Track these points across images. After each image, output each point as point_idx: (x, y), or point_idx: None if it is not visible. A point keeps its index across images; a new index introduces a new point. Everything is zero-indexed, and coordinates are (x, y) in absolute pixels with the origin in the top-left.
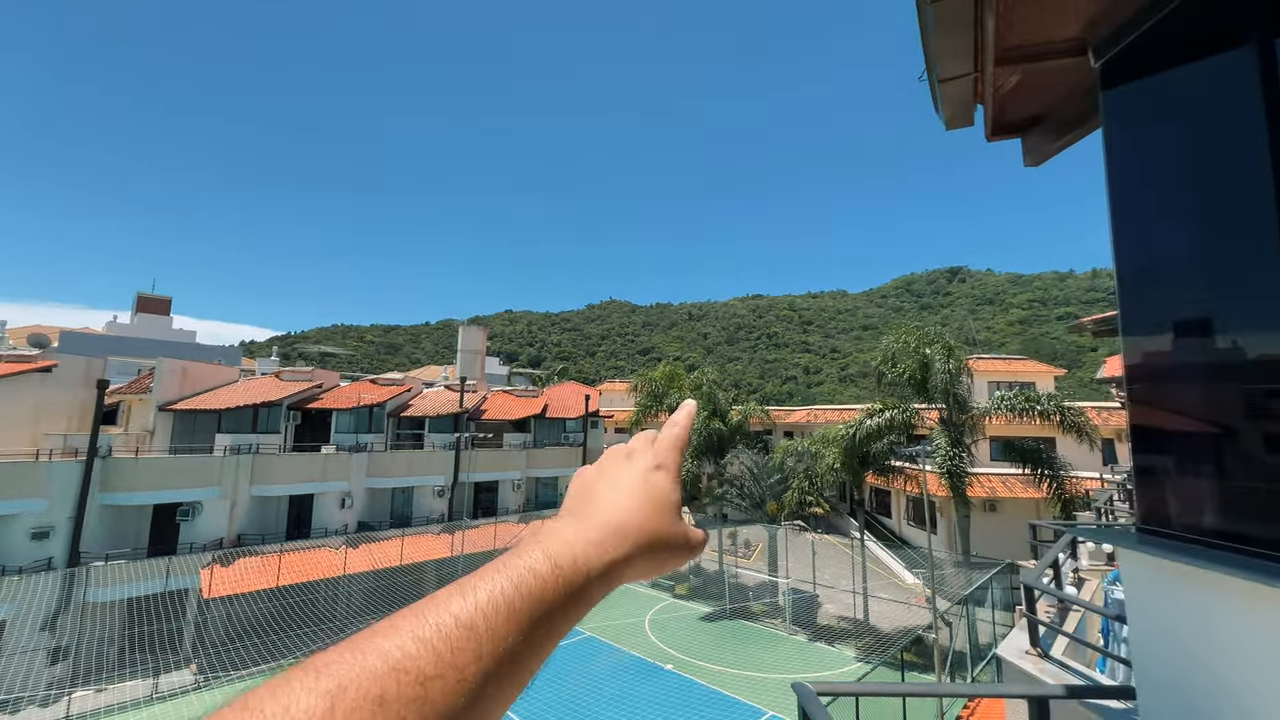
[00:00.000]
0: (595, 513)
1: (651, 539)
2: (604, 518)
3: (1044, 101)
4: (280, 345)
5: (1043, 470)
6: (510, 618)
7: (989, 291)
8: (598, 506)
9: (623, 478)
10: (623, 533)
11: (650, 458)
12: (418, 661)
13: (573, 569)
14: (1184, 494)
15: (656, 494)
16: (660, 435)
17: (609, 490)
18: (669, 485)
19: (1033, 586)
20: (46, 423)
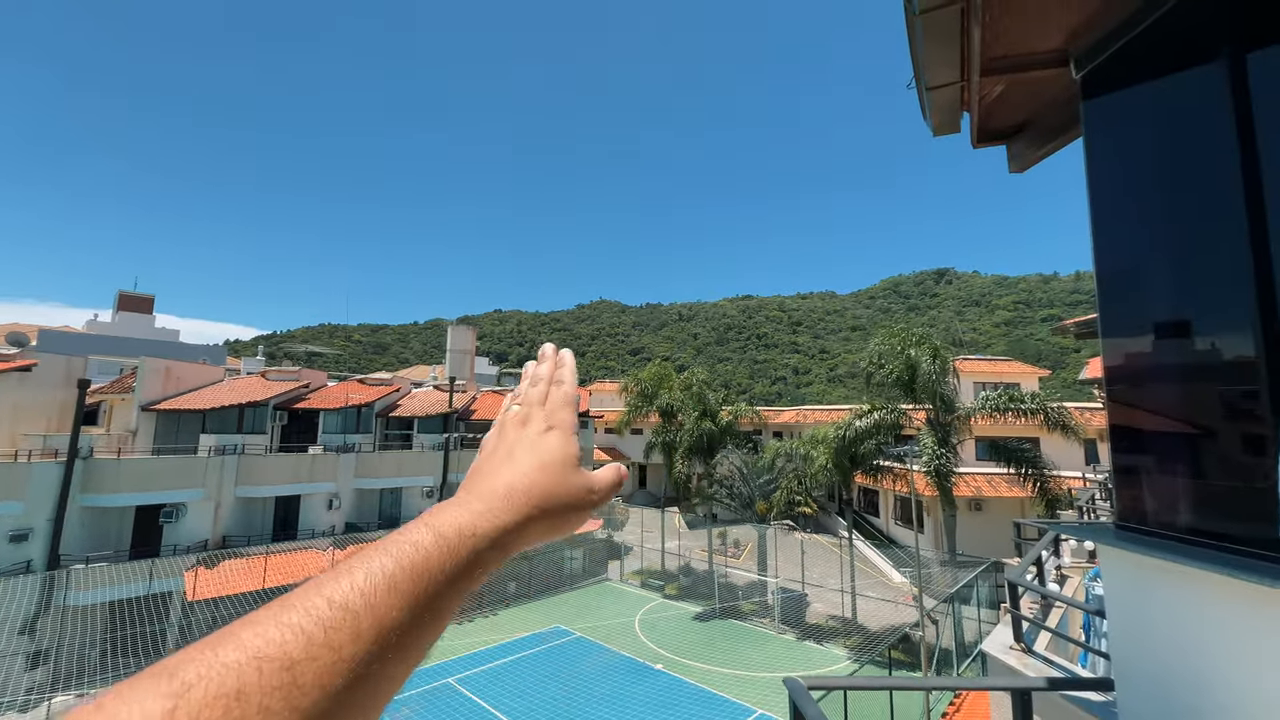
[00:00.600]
0: (484, 481)
1: (544, 499)
2: (492, 485)
3: (1027, 110)
4: (266, 344)
5: (1027, 469)
6: (392, 591)
7: (975, 293)
8: (487, 475)
9: (517, 445)
10: (512, 497)
11: (541, 420)
12: (284, 647)
13: (458, 538)
14: (1161, 492)
15: (548, 454)
16: (550, 395)
17: (503, 458)
18: (560, 442)
19: (1017, 583)
20: (25, 423)
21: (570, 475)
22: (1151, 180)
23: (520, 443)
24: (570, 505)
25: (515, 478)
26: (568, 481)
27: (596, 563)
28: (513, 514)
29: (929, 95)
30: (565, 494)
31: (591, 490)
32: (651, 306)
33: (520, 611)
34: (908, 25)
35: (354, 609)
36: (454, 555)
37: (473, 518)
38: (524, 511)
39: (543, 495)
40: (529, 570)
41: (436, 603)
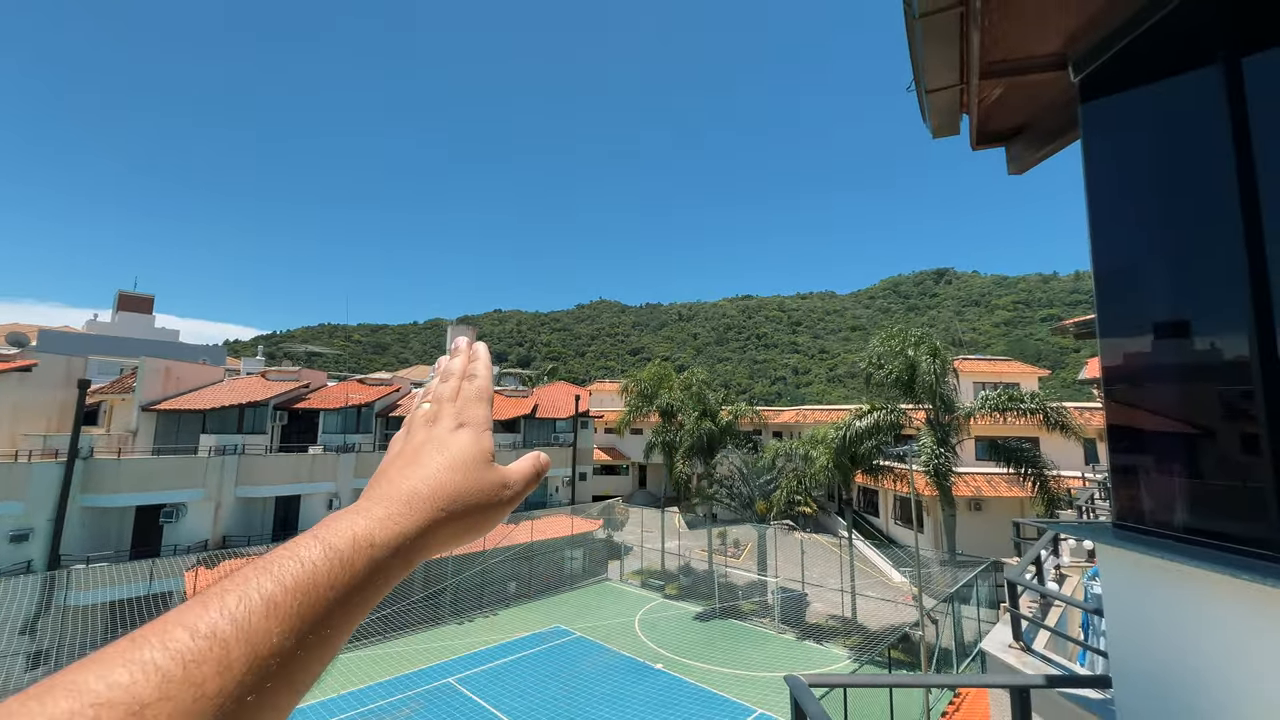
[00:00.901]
0: (386, 485)
1: (452, 500)
2: (392, 490)
3: (1026, 113)
4: (266, 345)
5: (1027, 469)
6: (271, 614)
7: (975, 293)
8: (389, 479)
9: (424, 445)
10: (414, 501)
11: (451, 417)
12: (131, 690)
13: (352, 549)
14: (1159, 491)
15: (457, 453)
16: (462, 390)
17: (408, 460)
18: (471, 439)
19: (1016, 582)
20: (25, 423)
21: (482, 473)
22: (1149, 182)
23: (428, 443)
24: (482, 505)
25: (419, 480)
26: (479, 480)
27: (596, 563)
28: (416, 519)
29: (928, 98)
30: (476, 494)
31: (505, 485)
32: (651, 306)
33: (520, 611)
34: (907, 29)
35: (222, 637)
36: (347, 568)
37: (370, 526)
38: (429, 515)
39: (450, 497)
40: (529, 570)
41: (328, 622)
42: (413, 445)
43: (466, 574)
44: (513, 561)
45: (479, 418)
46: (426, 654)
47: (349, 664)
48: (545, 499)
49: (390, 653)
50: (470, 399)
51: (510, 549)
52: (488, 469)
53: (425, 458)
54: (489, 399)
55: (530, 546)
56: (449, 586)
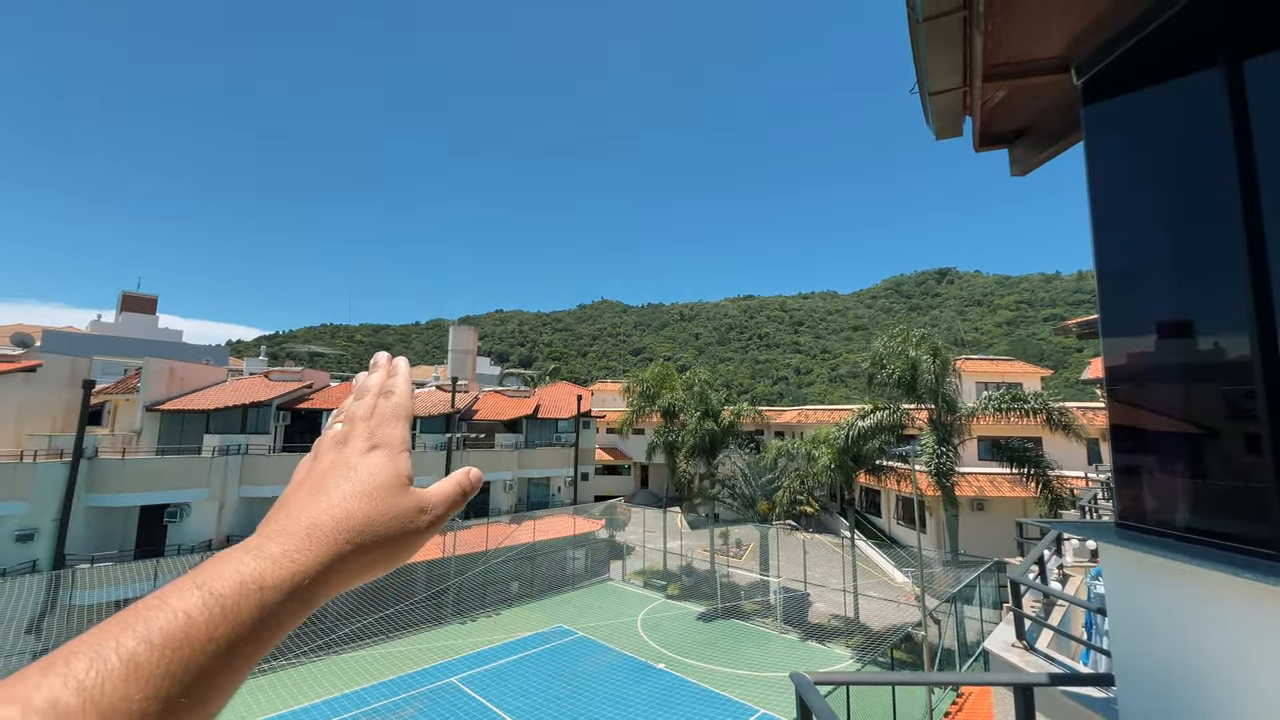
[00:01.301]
0: (283, 519)
1: (361, 531)
2: (291, 523)
3: (1029, 115)
4: (268, 345)
5: (1030, 469)
6: (132, 678)
7: (977, 293)
8: (289, 511)
9: (331, 471)
10: (316, 535)
11: (363, 438)
12: None
13: (237, 595)
14: (1161, 491)
15: (367, 478)
16: (377, 408)
17: (312, 488)
18: (384, 463)
19: (1019, 581)
20: (30, 423)
21: (396, 499)
22: (1151, 183)
23: (335, 468)
24: (395, 534)
25: (322, 511)
26: (394, 506)
27: (598, 563)
28: (317, 554)
29: (931, 101)
30: (390, 521)
31: (422, 510)
32: (653, 306)
33: (523, 611)
34: (910, 32)
35: (65, 710)
36: (231, 617)
37: (261, 566)
38: (332, 550)
39: (358, 527)
40: (532, 570)
41: (207, 680)
42: (318, 471)
43: (469, 574)
44: (515, 561)
45: (394, 438)
46: (429, 653)
47: (351, 664)
48: (548, 499)
49: (393, 652)
50: (386, 418)
51: (513, 549)
52: (402, 494)
53: (331, 484)
54: (407, 417)
55: (533, 546)
56: (452, 586)
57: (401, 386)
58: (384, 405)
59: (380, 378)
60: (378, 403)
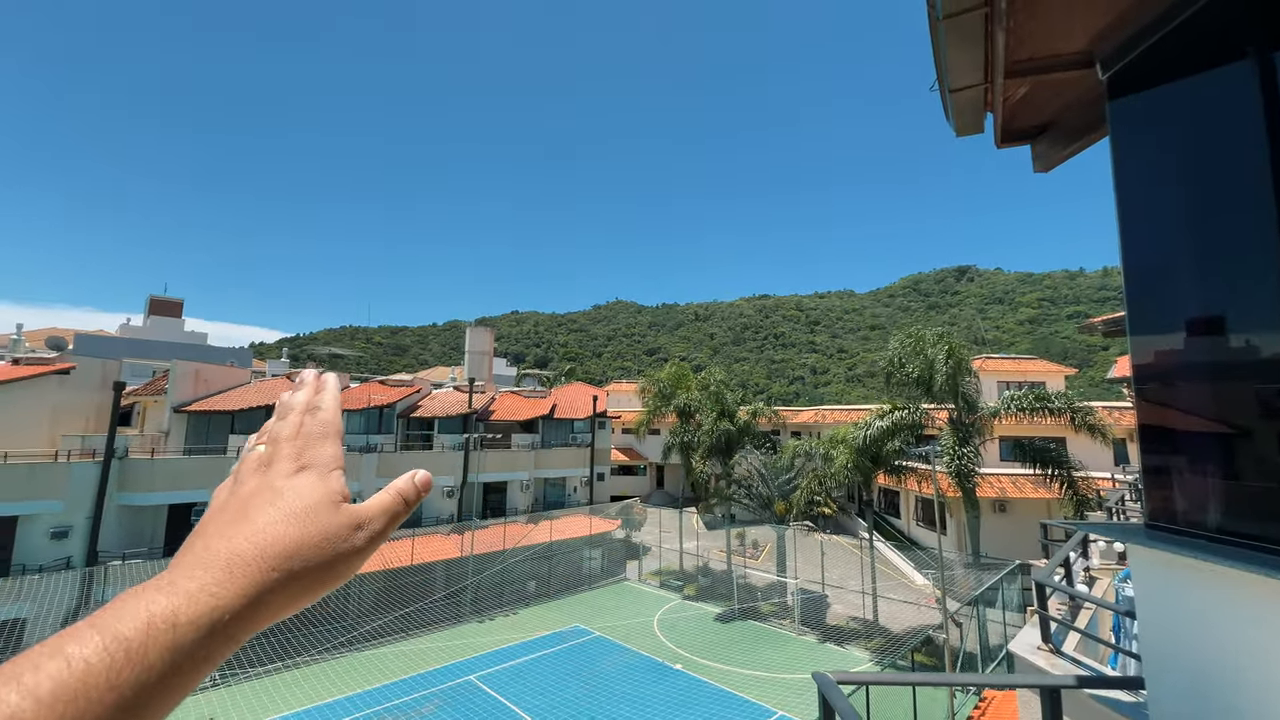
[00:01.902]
0: (200, 550)
1: (291, 557)
2: (209, 554)
3: (1052, 110)
4: (290, 347)
5: (1054, 470)
6: None
7: (998, 290)
8: (206, 542)
9: (254, 495)
10: (236, 565)
11: (289, 459)
12: None
13: (144, 637)
14: (1192, 491)
15: (295, 501)
16: (303, 426)
17: (234, 514)
18: (313, 483)
19: (1044, 584)
20: (65, 424)
21: (327, 519)
22: (1180, 178)
23: (259, 492)
24: (331, 556)
25: (244, 539)
26: (325, 527)
27: (614, 563)
28: (239, 586)
29: (952, 97)
30: (321, 544)
31: (358, 526)
32: (667, 307)
33: (540, 610)
34: (931, 29)
35: None
36: (136, 662)
37: (174, 603)
38: (258, 581)
39: (285, 553)
40: (548, 570)
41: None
42: (240, 497)
43: (487, 573)
44: (532, 561)
45: (324, 456)
46: (448, 651)
47: (371, 661)
48: (563, 499)
49: (412, 650)
50: (314, 436)
51: (530, 549)
52: (334, 513)
53: (254, 510)
54: (337, 434)
55: (549, 546)
56: (470, 585)
57: (329, 403)
58: (311, 423)
59: (306, 395)
60: (304, 420)
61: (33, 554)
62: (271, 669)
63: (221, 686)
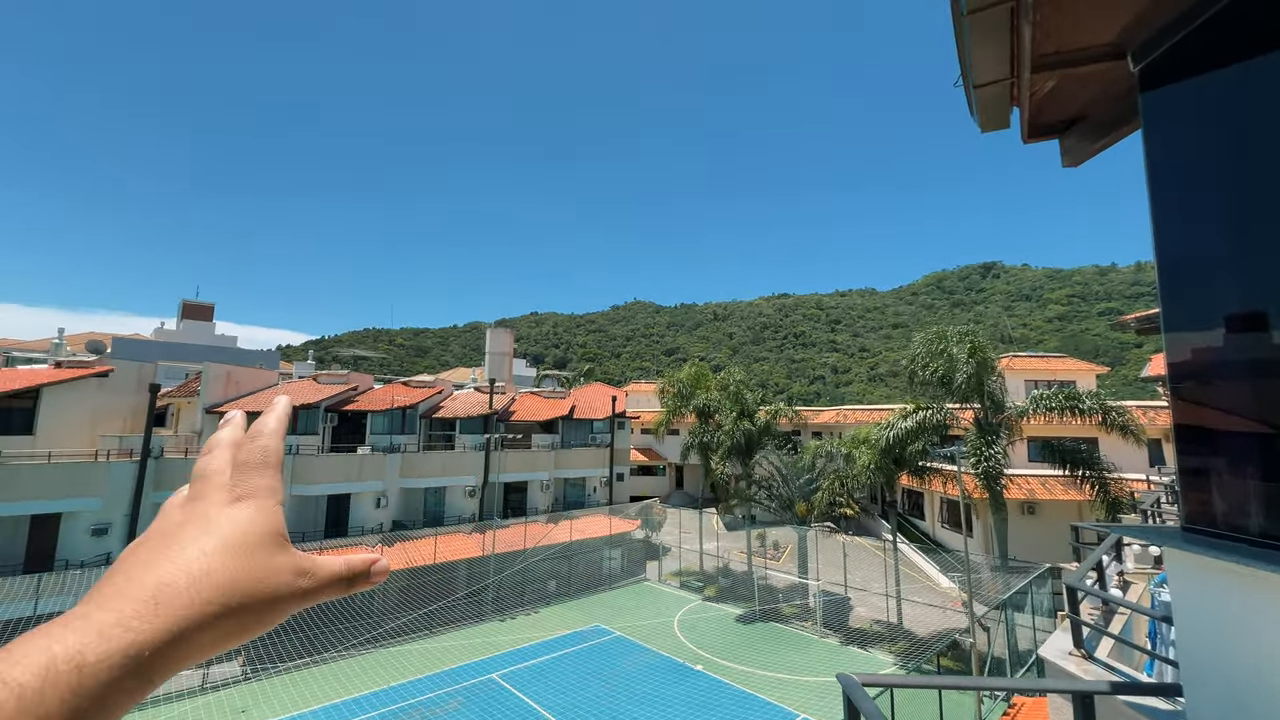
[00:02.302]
0: (120, 580)
1: (224, 590)
2: (131, 585)
3: (1081, 104)
4: (315, 349)
5: (1084, 471)
6: None
7: (1025, 287)
8: (127, 572)
9: (186, 525)
10: (164, 597)
11: (224, 491)
12: None
13: (41, 682)
14: (1231, 494)
15: (232, 532)
16: (242, 453)
17: (159, 544)
18: (253, 515)
19: (1076, 588)
20: (103, 425)
21: (268, 556)
22: (1216, 171)
23: (192, 520)
24: (270, 596)
25: (175, 568)
26: (265, 564)
27: (635, 563)
28: (165, 621)
29: (976, 93)
30: (260, 581)
31: (302, 573)
32: (686, 306)
33: (560, 610)
34: (955, 24)
35: None
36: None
37: (83, 641)
38: (187, 614)
39: (221, 585)
40: (568, 569)
41: None
42: (167, 526)
43: (508, 571)
44: (553, 560)
45: (264, 487)
46: (470, 650)
47: (396, 658)
48: (583, 499)
49: (435, 647)
50: (253, 465)
51: (550, 548)
52: (278, 551)
53: (187, 538)
54: (278, 464)
55: (569, 546)
56: (491, 584)
57: (273, 427)
58: (251, 450)
59: (230, 432)
60: (246, 445)
61: (75, 550)
62: (300, 664)
63: (253, 680)
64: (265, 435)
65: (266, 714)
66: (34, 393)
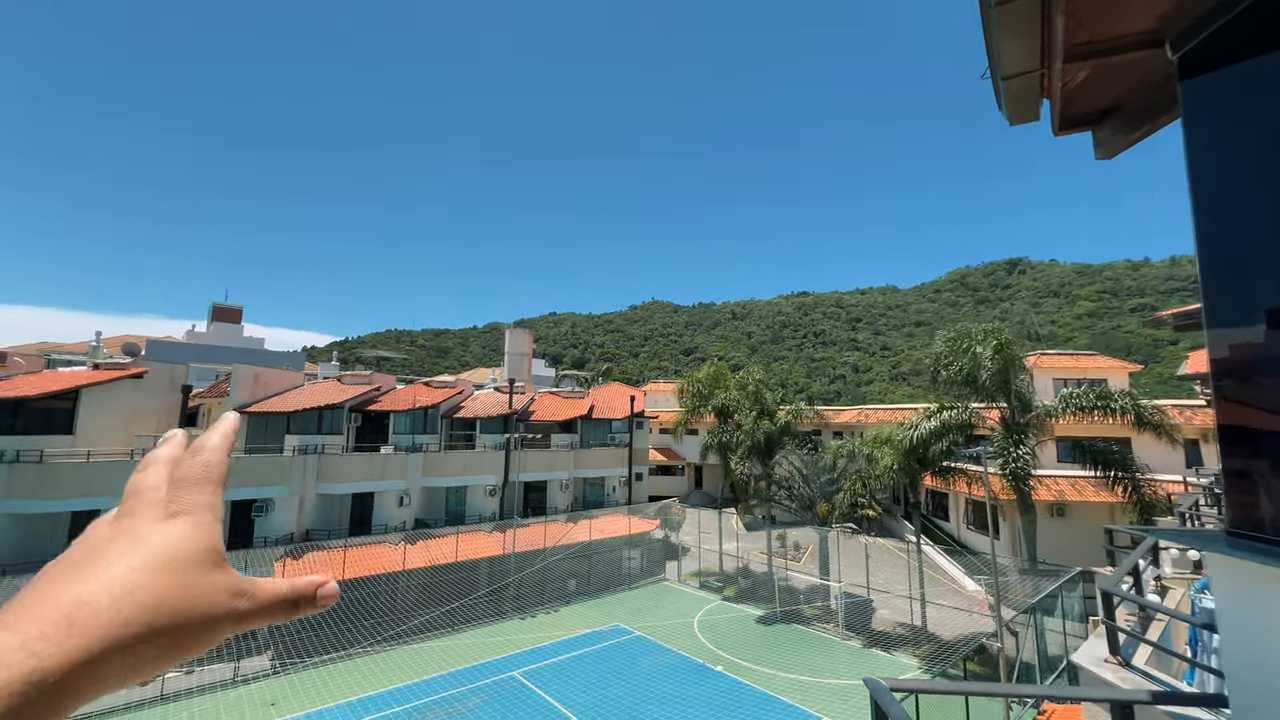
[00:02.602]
0: (32, 598)
1: (150, 609)
2: (45, 604)
3: (1115, 94)
4: (339, 350)
5: (1117, 472)
6: None
7: (1053, 283)
8: (41, 589)
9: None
10: (80, 616)
11: (157, 507)
12: None
13: None
14: (1279, 496)
15: (162, 548)
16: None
17: (83, 558)
18: (187, 531)
19: (1111, 593)
20: (139, 424)
21: (202, 574)
22: (1262, 160)
23: (121, 536)
24: (203, 617)
25: (97, 586)
26: (198, 583)
27: (654, 563)
28: (79, 643)
29: (1004, 85)
30: (192, 600)
31: (240, 593)
32: (704, 306)
33: (580, 609)
34: (982, 16)
35: None
36: None
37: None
38: (106, 635)
39: (147, 604)
40: (588, 569)
41: None
42: (93, 540)
43: (528, 570)
44: (573, 559)
45: (202, 504)
46: (491, 647)
47: (419, 654)
48: (602, 499)
49: (457, 645)
50: (192, 479)
51: (570, 547)
52: (214, 570)
53: (113, 554)
54: (219, 480)
55: (589, 545)
56: (512, 582)
57: (216, 442)
58: (191, 464)
59: (169, 449)
60: (186, 460)
61: None
62: (327, 659)
63: (281, 675)
64: (208, 450)
65: (295, 707)
66: (74, 394)
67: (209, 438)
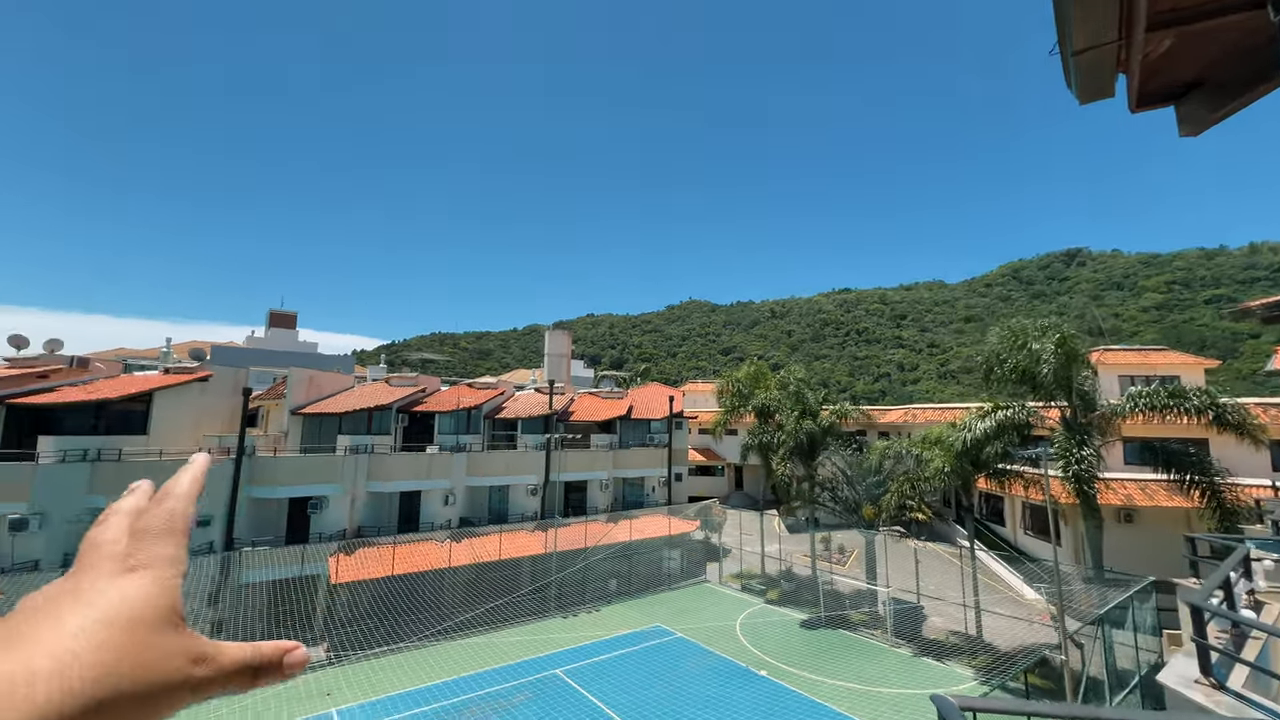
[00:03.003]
0: None
1: (98, 679)
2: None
3: (1203, 64)
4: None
5: (1192, 475)
6: None
7: (1116, 274)
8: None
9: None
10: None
11: (114, 561)
12: None
13: None
14: None
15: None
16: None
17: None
18: (144, 589)
19: (1202, 608)
20: (205, 426)
21: (160, 637)
22: None
23: (71, 593)
24: (155, 688)
25: (40, 653)
26: (155, 647)
27: (694, 564)
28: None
29: (1075, 60)
30: (143, 667)
31: (199, 659)
32: (742, 305)
33: (621, 609)
34: None
35: None
36: None
37: None
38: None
39: (97, 674)
40: (629, 569)
41: None
42: (39, 599)
43: (570, 569)
44: (613, 559)
45: (163, 557)
46: (534, 645)
47: (464, 650)
48: (642, 499)
49: (501, 641)
50: (154, 530)
51: (611, 547)
52: (170, 631)
53: (65, 612)
54: (184, 532)
55: (629, 545)
56: (554, 581)
57: (184, 489)
58: (155, 514)
59: (133, 500)
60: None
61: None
62: (379, 652)
63: (337, 666)
64: (173, 497)
65: (349, 698)
66: (148, 396)
67: (177, 482)
